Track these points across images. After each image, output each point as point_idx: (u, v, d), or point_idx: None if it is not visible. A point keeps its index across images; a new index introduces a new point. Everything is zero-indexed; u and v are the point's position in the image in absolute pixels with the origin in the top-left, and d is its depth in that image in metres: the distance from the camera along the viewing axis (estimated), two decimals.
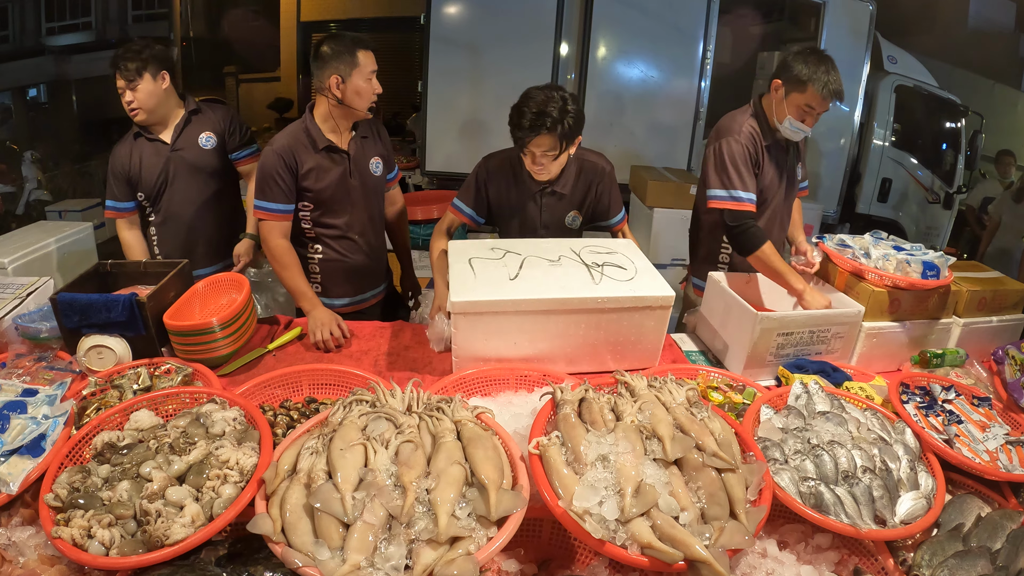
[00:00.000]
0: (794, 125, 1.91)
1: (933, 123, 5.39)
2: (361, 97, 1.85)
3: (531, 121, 1.76)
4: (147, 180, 2.14)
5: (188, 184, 2.18)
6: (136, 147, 2.13)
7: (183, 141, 2.16)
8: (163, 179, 2.15)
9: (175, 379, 1.45)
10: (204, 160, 2.19)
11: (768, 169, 2.01)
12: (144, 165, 2.12)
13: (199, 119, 2.20)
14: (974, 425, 1.47)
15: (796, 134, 1.94)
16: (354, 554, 0.89)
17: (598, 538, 0.96)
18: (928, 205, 5.31)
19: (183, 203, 2.19)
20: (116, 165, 2.12)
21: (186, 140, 2.16)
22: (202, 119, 2.21)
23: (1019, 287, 1.87)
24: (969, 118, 5.22)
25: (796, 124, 1.90)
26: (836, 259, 1.88)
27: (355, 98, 1.85)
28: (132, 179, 2.13)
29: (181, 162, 2.15)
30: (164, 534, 0.96)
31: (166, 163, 2.13)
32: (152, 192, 2.16)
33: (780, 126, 1.95)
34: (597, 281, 1.62)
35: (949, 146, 5.36)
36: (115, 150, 2.13)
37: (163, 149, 2.13)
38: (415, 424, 1.14)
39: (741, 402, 1.53)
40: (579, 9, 4.23)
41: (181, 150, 2.15)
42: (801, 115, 1.89)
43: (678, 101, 4.45)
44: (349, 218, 2.02)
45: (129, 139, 2.14)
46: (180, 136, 2.15)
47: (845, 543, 1.18)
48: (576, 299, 1.55)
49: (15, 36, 6.22)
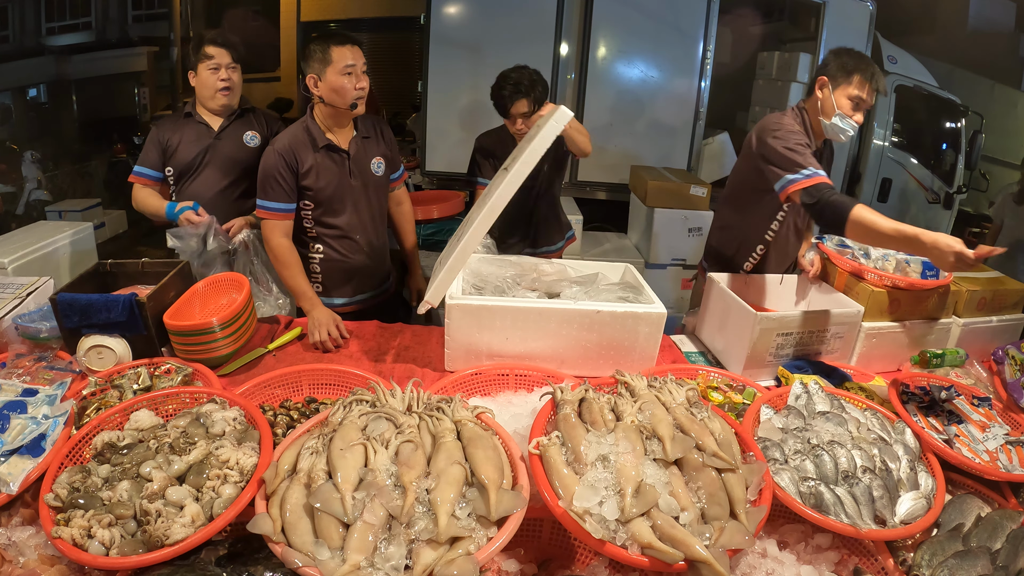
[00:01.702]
0: (844, 120, 1.86)
1: (933, 123, 5.38)
2: (339, 93, 1.84)
3: (510, 90, 2.23)
4: (182, 157, 2.20)
5: (218, 173, 2.24)
6: (183, 124, 2.21)
7: (228, 133, 2.24)
8: (198, 161, 2.21)
9: (175, 379, 1.45)
10: (242, 155, 2.25)
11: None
12: (183, 141, 2.19)
13: (248, 118, 2.29)
14: (974, 425, 1.47)
15: (844, 131, 1.88)
16: (354, 554, 0.89)
17: (598, 538, 0.96)
18: (928, 205, 5.31)
19: (207, 188, 2.23)
20: (159, 134, 2.19)
21: (231, 133, 2.24)
22: (250, 119, 2.29)
23: (1019, 287, 1.88)
24: (969, 118, 5.21)
25: (846, 119, 1.86)
26: (836, 259, 1.88)
27: (333, 95, 1.85)
28: (168, 151, 2.20)
29: (219, 151, 2.22)
30: (164, 534, 0.96)
31: (206, 148, 2.21)
32: (182, 169, 2.22)
33: (828, 124, 1.89)
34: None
35: (949, 146, 5.36)
36: (162, 121, 2.23)
37: (207, 134, 2.21)
38: (415, 424, 1.14)
39: (741, 402, 1.53)
40: (579, 9, 4.22)
41: (223, 140, 2.23)
42: (851, 108, 1.84)
43: (678, 101, 4.45)
44: (349, 218, 2.02)
45: (180, 116, 2.23)
46: (227, 128, 2.24)
47: (845, 543, 1.18)
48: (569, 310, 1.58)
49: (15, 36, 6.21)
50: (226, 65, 2.15)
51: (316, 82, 1.84)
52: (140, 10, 7.01)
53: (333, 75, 1.82)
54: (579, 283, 1.80)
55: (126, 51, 6.86)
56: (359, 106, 1.89)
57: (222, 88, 2.16)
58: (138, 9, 7.00)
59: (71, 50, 6.54)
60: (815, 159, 1.80)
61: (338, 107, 1.87)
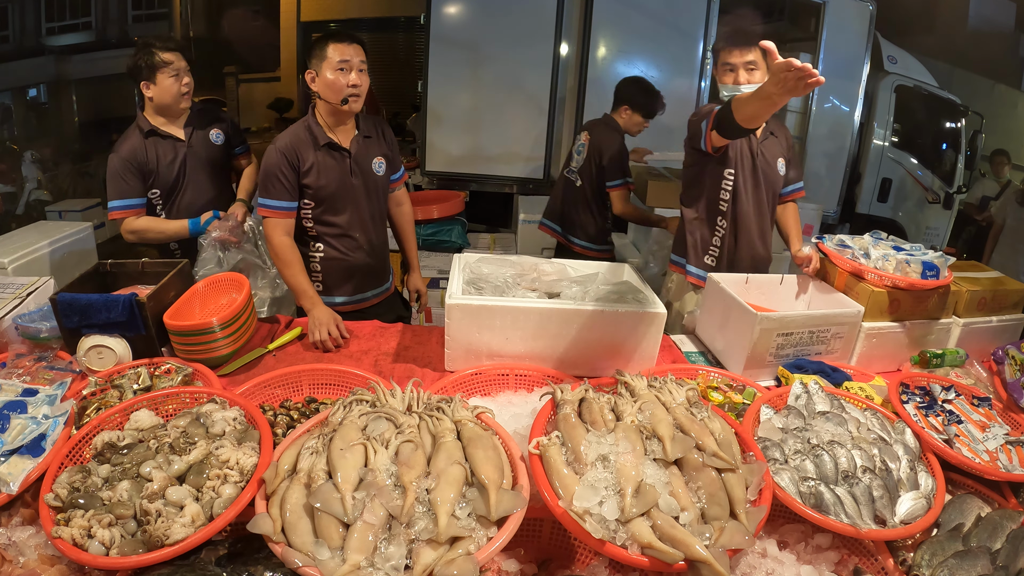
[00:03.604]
0: (726, 89, 2.00)
1: (933, 123, 5.39)
2: (330, 89, 1.86)
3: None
4: (165, 176, 2.16)
5: (203, 179, 2.25)
6: (151, 144, 2.14)
7: (196, 138, 2.22)
8: (181, 173, 2.20)
9: (175, 379, 1.45)
10: (215, 155, 2.28)
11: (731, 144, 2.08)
12: (161, 161, 2.15)
13: (203, 116, 2.26)
14: (974, 425, 1.47)
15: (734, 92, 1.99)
16: (354, 554, 0.89)
17: (598, 538, 0.96)
18: (928, 205, 5.31)
19: (196, 195, 2.24)
20: (130, 163, 2.09)
21: (199, 137, 2.23)
22: (205, 116, 2.27)
23: (1019, 287, 1.88)
24: (969, 118, 5.22)
25: (728, 87, 1.99)
26: (836, 259, 1.88)
27: (327, 91, 1.87)
28: (147, 175, 2.14)
29: (196, 158, 2.22)
30: (164, 534, 0.96)
31: (184, 159, 2.19)
32: (168, 188, 2.19)
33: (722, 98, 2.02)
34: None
35: (949, 146, 5.36)
36: (122, 149, 2.10)
37: (180, 145, 2.19)
38: (415, 424, 1.14)
39: (741, 402, 1.53)
40: (579, 9, 4.22)
41: (195, 146, 2.22)
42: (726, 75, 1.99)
43: (678, 101, 4.43)
44: (350, 217, 2.02)
45: (136, 136, 2.13)
46: (193, 134, 2.22)
47: (845, 543, 1.18)
48: (569, 310, 1.58)
49: (15, 36, 6.21)
50: (183, 69, 2.11)
51: (313, 77, 1.88)
52: (140, 10, 7.01)
53: (327, 70, 1.85)
54: (579, 283, 1.81)
55: (126, 51, 6.84)
56: (351, 103, 1.88)
57: (185, 93, 2.13)
58: (138, 9, 7.00)
59: (71, 50, 6.53)
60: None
61: (330, 102, 1.88)
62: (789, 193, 2.25)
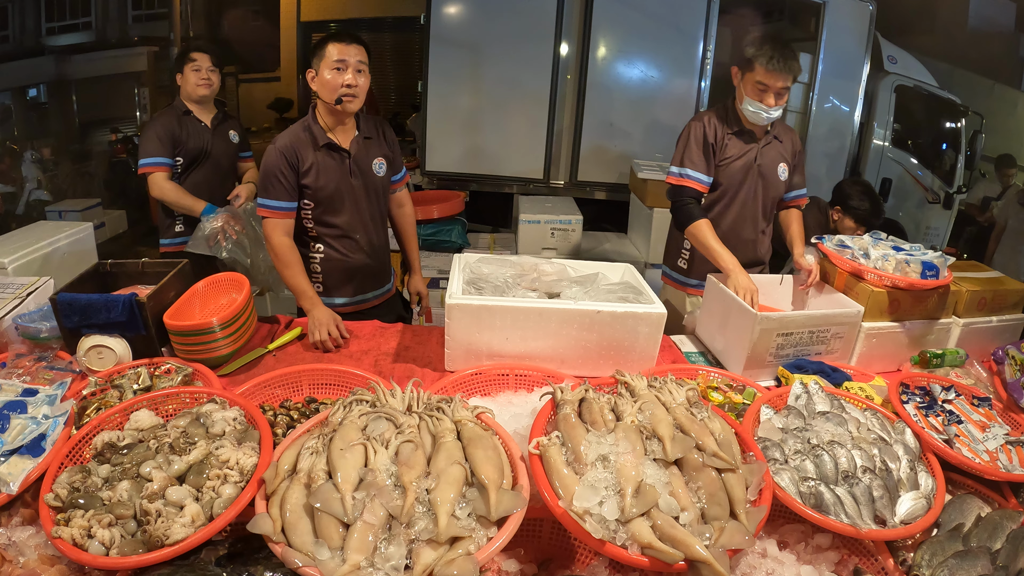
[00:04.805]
0: (753, 104, 1.99)
1: (933, 123, 5.38)
2: (326, 88, 1.86)
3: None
4: (192, 148, 2.54)
5: (217, 164, 2.63)
6: (184, 120, 2.54)
7: (219, 129, 2.64)
8: (205, 152, 2.58)
9: (175, 379, 1.45)
10: (229, 149, 2.71)
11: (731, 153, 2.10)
12: (190, 134, 2.54)
13: (226, 117, 2.71)
14: (974, 425, 1.47)
15: (755, 114, 2.02)
16: (354, 554, 0.89)
17: (598, 538, 0.96)
18: (928, 205, 5.31)
19: (209, 178, 2.60)
20: (164, 127, 2.47)
21: (221, 129, 2.66)
22: (228, 118, 2.72)
23: (1019, 287, 1.88)
24: (969, 118, 5.21)
25: (755, 104, 1.99)
26: (835, 259, 1.88)
27: (323, 90, 1.88)
28: (177, 142, 2.49)
29: (216, 145, 2.62)
30: (164, 534, 0.96)
31: (208, 141, 2.59)
32: (191, 159, 2.55)
33: (743, 109, 2.04)
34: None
35: (949, 146, 5.36)
36: (160, 118, 2.51)
37: (205, 130, 2.59)
38: (415, 424, 1.14)
39: (741, 402, 1.53)
40: (579, 9, 4.22)
41: (217, 135, 2.63)
42: (757, 93, 1.98)
43: (678, 101, 4.44)
44: (350, 217, 2.02)
45: (172, 113, 2.53)
46: (217, 126, 2.63)
47: (845, 543, 1.18)
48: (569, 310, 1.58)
49: (15, 36, 6.21)
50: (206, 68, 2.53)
51: (313, 76, 1.89)
52: (140, 10, 7.01)
53: (325, 69, 1.85)
54: (579, 283, 1.81)
55: (126, 51, 6.86)
56: (345, 103, 1.86)
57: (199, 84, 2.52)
58: (138, 9, 7.00)
59: (71, 50, 6.54)
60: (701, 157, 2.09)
61: (325, 101, 1.89)
62: (792, 199, 2.24)
